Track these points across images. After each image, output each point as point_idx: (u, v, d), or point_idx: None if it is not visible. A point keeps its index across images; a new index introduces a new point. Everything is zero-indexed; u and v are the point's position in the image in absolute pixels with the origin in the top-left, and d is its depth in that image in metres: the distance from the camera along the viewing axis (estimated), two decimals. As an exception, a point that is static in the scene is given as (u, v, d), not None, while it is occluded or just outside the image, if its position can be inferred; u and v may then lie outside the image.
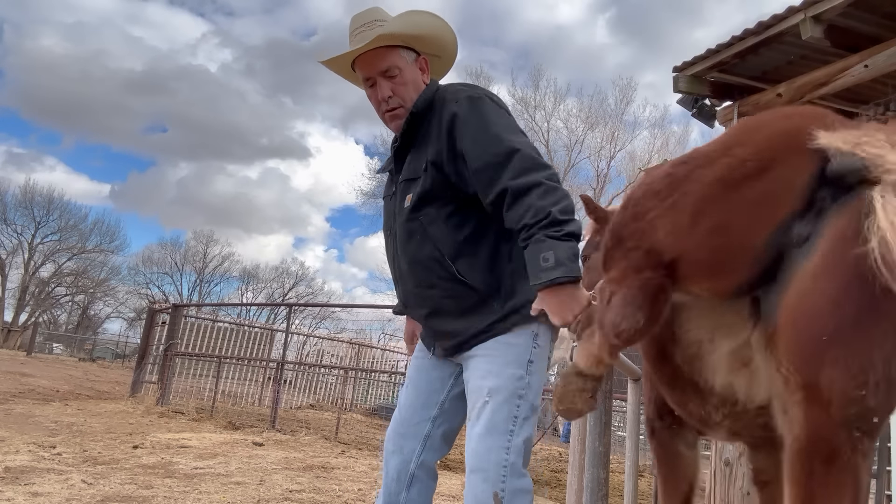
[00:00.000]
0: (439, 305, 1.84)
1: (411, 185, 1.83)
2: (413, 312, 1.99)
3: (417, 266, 1.84)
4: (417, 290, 1.87)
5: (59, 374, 14.96)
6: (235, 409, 10.04)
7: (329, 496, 4.25)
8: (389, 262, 1.99)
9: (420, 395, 1.95)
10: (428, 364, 1.98)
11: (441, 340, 1.90)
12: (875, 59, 3.68)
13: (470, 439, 1.75)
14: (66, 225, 39.89)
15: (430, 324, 1.90)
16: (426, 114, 1.85)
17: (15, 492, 3.48)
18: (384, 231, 2.04)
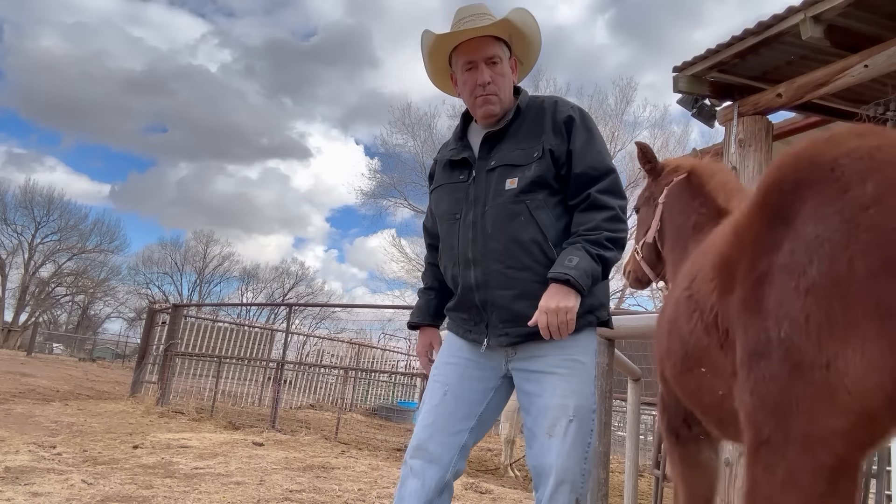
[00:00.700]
0: (528, 289, 1.86)
1: (515, 171, 1.92)
2: (493, 294, 1.91)
3: (515, 247, 1.88)
4: (508, 272, 1.88)
5: (59, 374, 14.96)
6: (235, 409, 10.04)
7: (329, 496, 4.25)
8: (456, 246, 1.98)
9: (461, 405, 1.96)
10: (473, 374, 1.98)
11: (515, 327, 1.89)
12: (875, 59, 3.67)
13: (551, 452, 1.83)
14: (66, 225, 39.94)
15: (514, 307, 1.88)
16: (525, 112, 2.01)
17: (15, 492, 3.48)
18: (447, 215, 2.03)
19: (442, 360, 2.05)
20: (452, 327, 2.09)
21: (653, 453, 6.33)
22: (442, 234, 2.06)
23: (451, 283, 2.04)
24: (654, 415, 7.40)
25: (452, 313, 2.08)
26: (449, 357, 2.04)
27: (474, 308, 1.95)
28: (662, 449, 5.76)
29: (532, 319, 1.80)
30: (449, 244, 2.01)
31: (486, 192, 1.94)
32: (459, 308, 2.02)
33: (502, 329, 1.92)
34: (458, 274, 1.97)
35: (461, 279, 1.96)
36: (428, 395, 2.01)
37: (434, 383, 2.02)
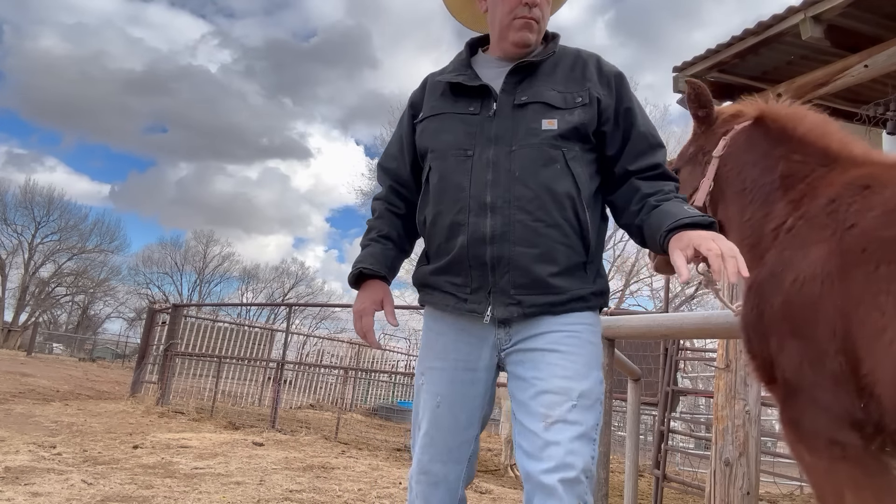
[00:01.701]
0: (553, 249, 1.58)
1: (553, 112, 1.63)
2: (511, 250, 1.57)
3: (548, 197, 1.59)
4: (535, 225, 1.57)
5: (59, 374, 14.96)
6: (235, 409, 10.04)
7: (329, 496, 4.25)
8: (466, 188, 1.62)
9: (460, 414, 1.67)
10: (465, 377, 1.67)
11: (531, 294, 1.58)
12: (875, 59, 3.68)
13: (552, 442, 1.50)
14: (66, 225, 39.94)
15: (534, 269, 1.57)
16: (561, 54, 1.75)
17: (15, 492, 3.48)
18: (452, 150, 1.66)
19: (426, 364, 1.72)
20: (436, 299, 1.68)
21: (653, 453, 6.33)
22: (440, 173, 1.67)
23: (441, 235, 1.65)
24: (654, 415, 7.40)
25: (439, 278, 1.67)
26: (434, 360, 1.71)
27: (479, 267, 1.60)
28: (662, 449, 5.77)
29: (684, 264, 1.39)
30: (454, 184, 1.63)
31: (514, 130, 1.63)
32: (453, 269, 1.64)
33: (514, 296, 1.58)
34: (462, 222, 1.60)
35: (468, 229, 1.59)
36: (419, 404, 1.72)
37: (423, 391, 1.71)
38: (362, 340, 1.81)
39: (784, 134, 1.84)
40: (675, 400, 6.22)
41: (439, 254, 1.67)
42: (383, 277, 1.77)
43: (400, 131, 1.87)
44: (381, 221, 1.84)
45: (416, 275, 1.76)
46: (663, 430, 5.85)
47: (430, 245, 1.71)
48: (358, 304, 1.75)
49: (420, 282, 1.75)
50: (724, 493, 3.60)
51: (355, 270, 1.75)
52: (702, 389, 8.80)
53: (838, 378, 1.35)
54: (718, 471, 3.66)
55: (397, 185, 1.85)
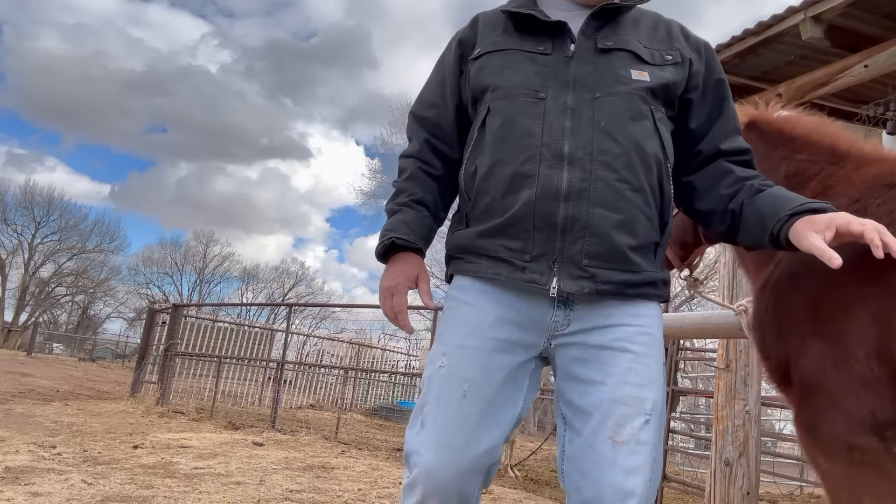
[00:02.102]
0: (635, 218, 1.36)
1: (642, 65, 1.44)
2: (589, 212, 1.33)
3: (636, 155, 1.38)
4: (620, 186, 1.35)
5: (59, 374, 14.96)
6: (235, 409, 10.04)
7: (329, 496, 4.25)
8: (537, 134, 1.38)
9: (491, 408, 1.34)
10: (503, 361, 1.36)
11: (606, 268, 1.35)
12: (875, 59, 3.68)
13: (616, 468, 1.27)
14: (66, 225, 39.92)
15: (614, 237, 1.34)
16: (643, 12, 1.57)
17: (15, 492, 3.48)
18: (521, 91, 1.42)
19: (451, 341, 1.39)
20: (482, 268, 1.39)
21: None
22: (504, 115, 1.42)
23: (498, 188, 1.38)
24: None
25: (489, 241, 1.38)
26: (464, 337, 1.38)
27: (546, 229, 1.33)
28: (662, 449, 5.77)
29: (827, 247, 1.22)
30: (522, 129, 1.38)
31: (598, 76, 1.41)
32: (511, 230, 1.35)
33: (586, 267, 1.33)
34: (530, 173, 1.35)
35: (537, 182, 1.34)
36: (436, 391, 1.36)
37: (441, 377, 1.36)
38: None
39: (782, 135, 1.82)
40: (675, 400, 6.22)
41: (491, 212, 1.39)
42: (418, 250, 1.48)
43: (441, 73, 1.59)
44: (414, 183, 1.53)
45: (454, 239, 1.47)
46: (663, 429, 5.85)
47: (479, 201, 1.41)
48: (388, 279, 1.46)
49: (458, 247, 1.44)
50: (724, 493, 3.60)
51: (386, 240, 1.44)
52: (702, 389, 8.80)
53: (868, 381, 1.31)
54: (718, 471, 3.66)
55: (434, 139, 1.56)
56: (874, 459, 1.28)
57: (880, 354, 1.31)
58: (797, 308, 1.48)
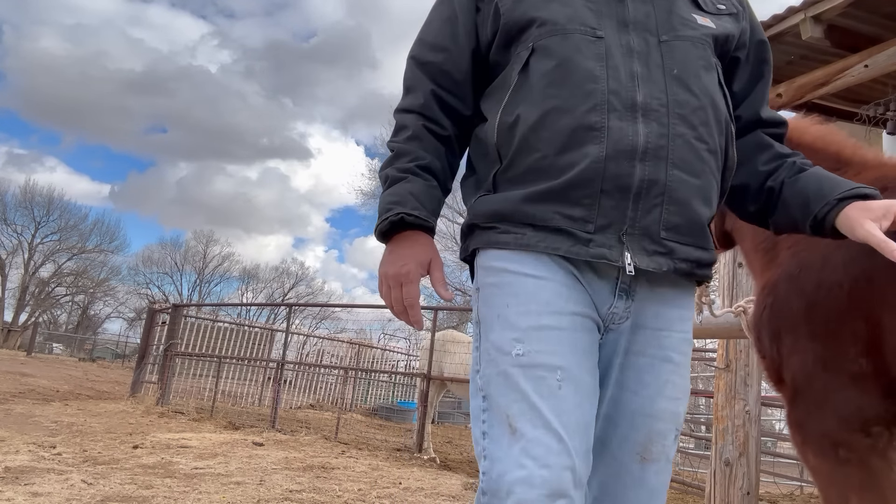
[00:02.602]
0: (710, 185, 1.20)
1: (699, 10, 1.28)
2: (669, 174, 1.13)
3: (712, 110, 1.20)
4: (698, 145, 1.17)
5: (59, 374, 14.96)
6: (235, 409, 10.04)
7: (329, 496, 4.25)
8: (601, 78, 1.15)
9: (585, 401, 1.11)
10: (588, 339, 1.14)
11: (685, 243, 1.16)
12: (875, 59, 3.68)
13: (643, 488, 1.15)
14: (66, 225, 39.92)
15: (694, 205, 1.15)
16: None
17: (15, 492, 3.48)
18: (576, 26, 1.19)
19: (526, 321, 1.11)
20: (533, 240, 1.14)
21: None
22: (558, 55, 1.17)
23: (553, 143, 1.13)
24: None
25: (541, 207, 1.13)
26: (541, 315, 1.11)
27: (617, 193, 1.11)
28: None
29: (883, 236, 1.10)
30: (583, 72, 1.15)
31: (659, 18, 1.22)
32: (571, 194, 1.11)
33: (664, 241, 1.14)
34: (597, 125, 1.12)
35: (607, 135, 1.12)
36: (521, 387, 1.07)
37: (528, 365, 1.08)
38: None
39: (790, 143, 1.86)
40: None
41: (542, 172, 1.14)
42: (430, 229, 1.22)
43: (448, 9, 1.31)
44: (418, 145, 1.26)
45: (483, 205, 1.20)
46: (663, 430, 5.85)
47: (522, 159, 1.16)
48: (395, 265, 1.19)
49: (493, 214, 1.18)
50: (724, 493, 3.60)
51: (392, 216, 1.17)
52: (702, 389, 8.80)
53: (855, 378, 1.36)
54: (718, 471, 3.66)
55: (443, 91, 1.27)
56: (861, 456, 1.32)
57: (869, 351, 1.36)
58: (792, 309, 1.52)
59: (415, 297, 1.18)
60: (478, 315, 1.20)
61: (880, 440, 1.33)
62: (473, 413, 1.14)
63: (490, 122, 1.23)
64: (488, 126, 1.23)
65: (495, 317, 1.14)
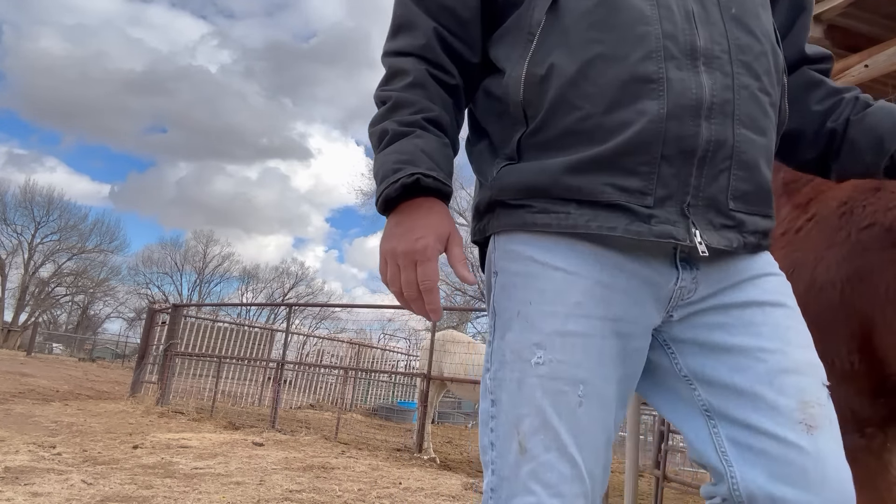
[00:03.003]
0: (772, 145, 1.05)
1: None
2: (735, 134, 0.96)
3: (772, 57, 1.04)
4: (762, 98, 1.01)
5: (59, 374, 14.96)
6: (235, 409, 10.04)
7: (329, 496, 4.25)
8: (653, 20, 0.96)
9: (608, 415, 0.96)
10: (616, 347, 0.96)
11: (753, 213, 1.01)
12: (875, 59, 3.68)
13: (824, 463, 0.89)
14: (66, 225, 39.93)
15: (762, 169, 1.01)
16: None
17: (15, 492, 3.48)
18: None
19: (550, 325, 0.94)
20: (580, 219, 0.95)
21: (653, 453, 6.33)
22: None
23: (599, 99, 0.95)
24: (654, 415, 7.41)
25: (589, 178, 0.94)
26: (567, 318, 0.94)
27: (679, 159, 0.94)
28: (662, 449, 5.77)
29: None
30: (632, 12, 0.96)
31: None
32: (625, 162, 0.93)
33: (733, 213, 0.98)
34: (654, 76, 0.94)
35: (666, 88, 0.94)
36: (537, 399, 0.92)
37: (548, 376, 0.92)
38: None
39: None
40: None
41: (585, 134, 0.95)
42: (448, 195, 1.00)
43: None
44: (423, 94, 1.03)
45: (511, 176, 1.00)
46: (663, 430, 5.85)
47: (557, 119, 0.97)
48: (408, 239, 0.95)
49: (525, 189, 0.98)
50: (724, 493, 3.60)
51: (404, 177, 0.94)
52: (702, 389, 8.79)
53: (848, 378, 1.36)
54: (718, 471, 3.66)
55: (447, 31, 1.05)
56: (855, 457, 1.26)
57: (861, 351, 1.37)
58: None
59: (434, 278, 0.95)
60: (494, 306, 1.01)
61: (874, 441, 1.32)
62: (482, 416, 0.99)
63: (511, 73, 1.01)
64: (509, 79, 1.01)
65: (515, 314, 0.97)
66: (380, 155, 1.00)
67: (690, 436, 0.99)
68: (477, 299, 25.37)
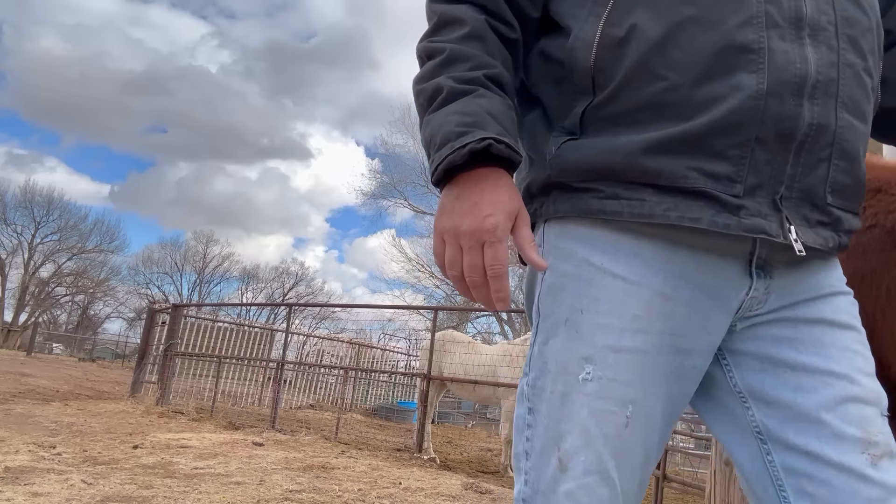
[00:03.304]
0: (869, 132, 0.93)
1: None
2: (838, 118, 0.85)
3: (877, 34, 0.94)
4: (867, 80, 0.90)
5: (59, 374, 14.96)
6: (235, 409, 10.04)
7: (329, 496, 4.25)
8: None
9: (653, 435, 0.88)
10: (672, 364, 0.87)
11: (848, 209, 0.91)
12: None
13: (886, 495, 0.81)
14: (66, 225, 39.95)
15: (860, 161, 0.91)
16: None
17: (15, 492, 3.48)
18: None
19: (602, 339, 0.85)
20: (650, 209, 0.84)
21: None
22: None
23: (687, 69, 0.83)
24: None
25: (672, 160, 0.83)
26: (622, 332, 0.85)
27: (772, 143, 0.83)
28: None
29: None
30: None
31: None
32: (715, 143, 0.82)
33: (831, 208, 0.88)
34: (754, 46, 0.82)
35: (767, 60, 0.82)
36: (583, 419, 0.84)
37: (595, 394, 0.84)
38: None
39: None
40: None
41: (668, 108, 0.83)
42: (516, 166, 0.86)
43: None
44: (482, 47, 0.90)
45: (587, 153, 0.86)
46: (663, 430, 5.86)
47: (638, 89, 0.85)
48: (475, 215, 0.81)
49: (600, 170, 0.85)
50: (724, 494, 3.60)
51: (475, 143, 0.80)
52: (702, 389, 8.80)
53: None
54: (718, 471, 3.65)
55: None
56: None
57: None
58: None
59: (505, 262, 0.81)
60: (538, 306, 0.91)
61: None
62: (517, 422, 0.91)
63: (579, 34, 0.89)
64: (576, 41, 0.89)
65: (562, 320, 0.87)
66: (434, 115, 0.86)
67: (740, 461, 0.90)
68: (477, 299, 25.32)
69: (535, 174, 0.93)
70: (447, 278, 0.86)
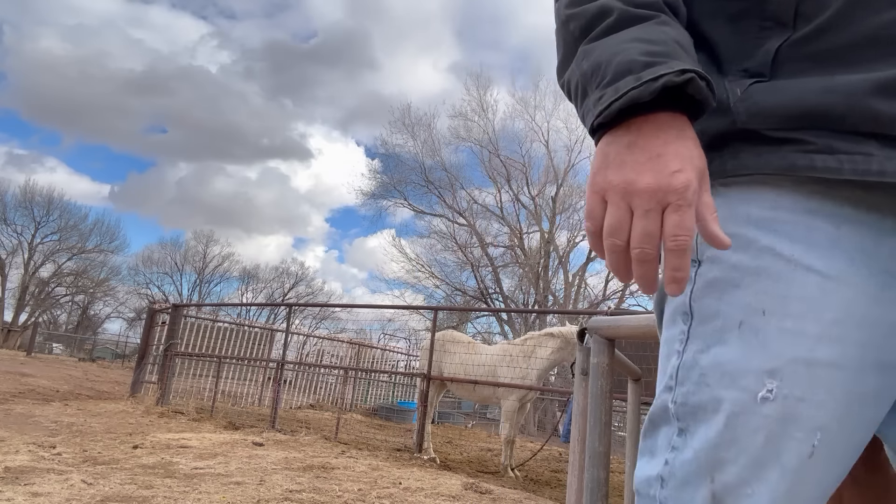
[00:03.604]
0: None
1: None
2: None
3: None
4: None
5: (59, 374, 14.96)
6: (235, 409, 10.04)
7: (329, 496, 4.25)
8: None
9: (839, 467, 0.69)
10: (870, 383, 0.67)
11: None
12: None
13: None
14: (66, 225, 39.98)
15: None
16: None
17: (15, 492, 3.48)
18: None
19: (790, 349, 0.66)
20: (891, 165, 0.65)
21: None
22: None
23: None
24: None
25: None
26: (817, 343, 0.66)
27: None
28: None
29: None
30: None
31: None
32: None
33: None
34: None
35: None
36: (758, 444, 0.66)
37: (777, 417, 0.66)
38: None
39: None
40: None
41: (892, 44, 0.66)
42: (703, 113, 0.66)
43: None
44: None
45: (793, 95, 0.68)
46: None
47: (855, 22, 0.68)
48: (658, 170, 0.62)
49: (811, 115, 0.67)
50: None
51: (674, 76, 0.61)
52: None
53: None
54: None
55: None
56: None
57: None
58: None
59: (692, 232, 0.61)
60: (690, 304, 0.72)
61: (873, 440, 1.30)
62: (647, 443, 0.75)
63: None
64: None
65: (734, 323, 0.69)
66: (600, 42, 0.68)
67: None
68: (476, 299, 25.34)
69: (704, 124, 0.71)
70: (596, 249, 0.66)
